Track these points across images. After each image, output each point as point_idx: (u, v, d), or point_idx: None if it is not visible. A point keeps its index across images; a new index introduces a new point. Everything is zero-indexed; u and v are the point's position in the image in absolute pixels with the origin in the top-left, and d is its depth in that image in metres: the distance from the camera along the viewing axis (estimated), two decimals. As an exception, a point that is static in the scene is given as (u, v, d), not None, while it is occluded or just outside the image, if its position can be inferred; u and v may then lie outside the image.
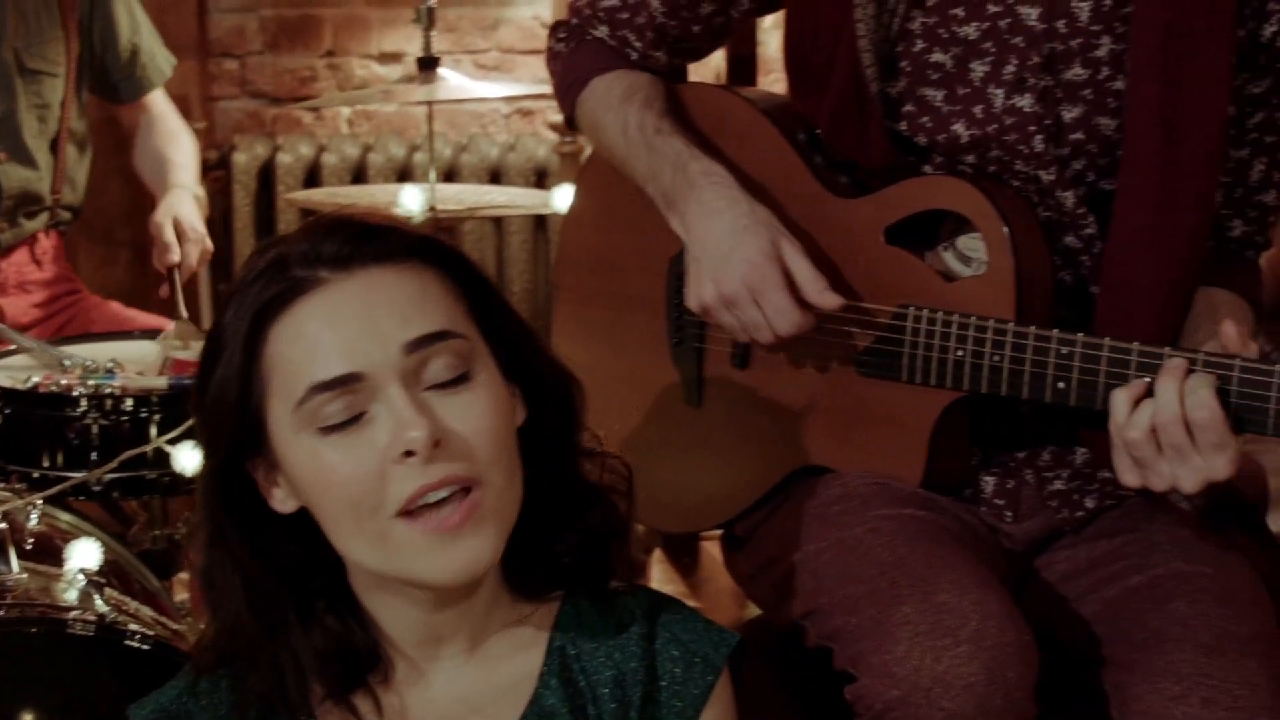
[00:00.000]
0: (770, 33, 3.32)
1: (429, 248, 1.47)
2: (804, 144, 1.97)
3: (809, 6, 1.90)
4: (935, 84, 1.86)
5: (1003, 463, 1.92)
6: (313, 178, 3.66)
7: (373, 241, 1.45)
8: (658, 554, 2.50)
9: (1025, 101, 1.83)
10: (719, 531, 2.11)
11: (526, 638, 1.52)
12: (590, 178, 2.18)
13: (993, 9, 1.83)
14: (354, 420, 1.41)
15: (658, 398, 2.08)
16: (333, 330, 1.41)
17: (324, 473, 1.41)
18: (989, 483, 1.91)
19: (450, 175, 3.60)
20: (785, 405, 1.96)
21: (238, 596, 1.46)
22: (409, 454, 1.39)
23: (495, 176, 3.69)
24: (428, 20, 2.65)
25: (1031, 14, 1.81)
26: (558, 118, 3.67)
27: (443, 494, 1.40)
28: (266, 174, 3.62)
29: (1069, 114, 1.84)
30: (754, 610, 2.17)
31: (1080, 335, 1.74)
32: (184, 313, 2.57)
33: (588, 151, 3.58)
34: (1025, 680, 1.63)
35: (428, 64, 2.66)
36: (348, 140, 3.67)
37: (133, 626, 1.81)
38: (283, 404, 1.42)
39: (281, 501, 1.47)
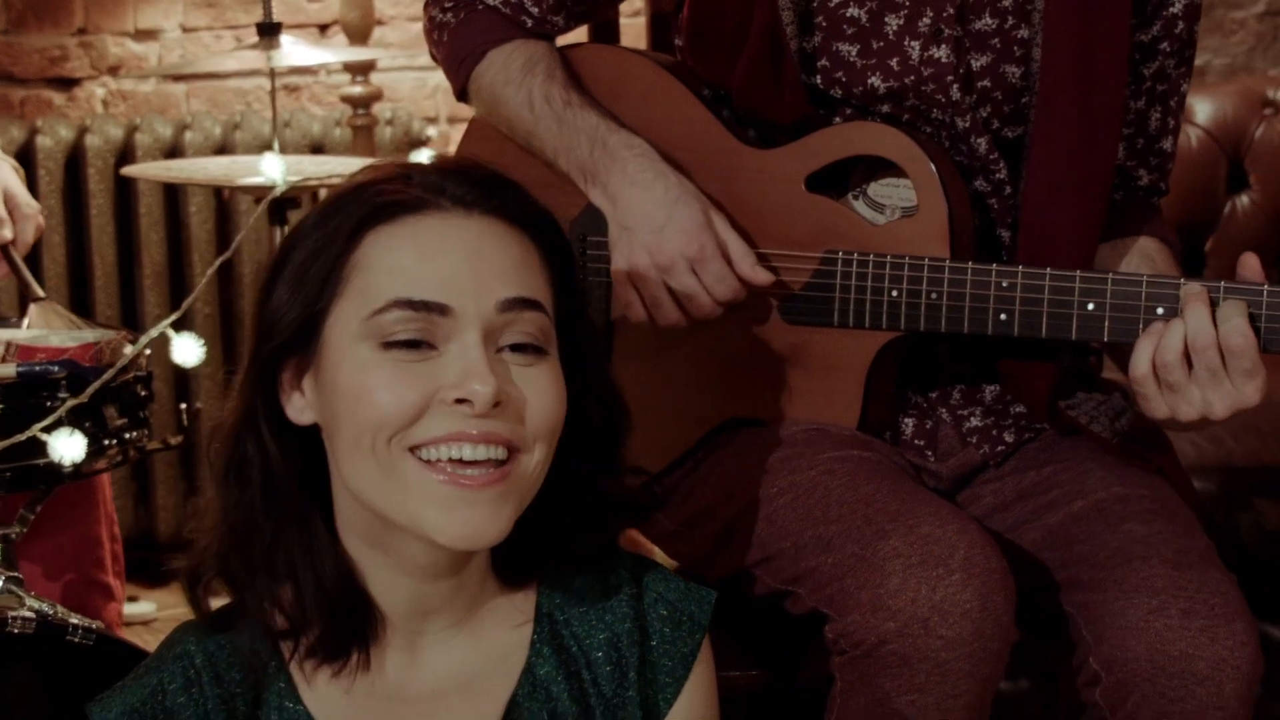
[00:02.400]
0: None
1: (544, 224, 1.46)
2: (710, 99, 1.98)
3: None
4: (850, 39, 1.90)
5: (918, 404, 1.97)
6: (75, 161, 3.50)
7: (499, 195, 1.43)
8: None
9: (942, 52, 1.88)
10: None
11: (513, 607, 1.51)
12: (470, 148, 2.14)
13: None
14: (420, 345, 1.38)
15: (565, 363, 2.06)
16: (438, 255, 1.39)
17: (368, 387, 1.37)
18: (908, 424, 1.97)
19: (222, 151, 3.49)
20: (706, 360, 1.97)
21: (254, 493, 1.42)
22: (464, 402, 1.36)
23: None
24: (269, -17, 2.57)
25: None
26: (334, 92, 3.61)
27: (480, 454, 1.37)
28: (25, 159, 3.44)
29: (977, 63, 1.90)
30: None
31: (1020, 267, 1.80)
32: (40, 291, 2.42)
33: (382, 126, 3.54)
34: (1010, 605, 1.69)
35: (268, 30, 2.57)
36: (109, 121, 3.52)
37: (74, 621, 1.72)
38: (355, 308, 1.39)
39: (298, 411, 1.43)
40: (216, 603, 1.48)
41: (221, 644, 1.46)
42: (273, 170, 2.36)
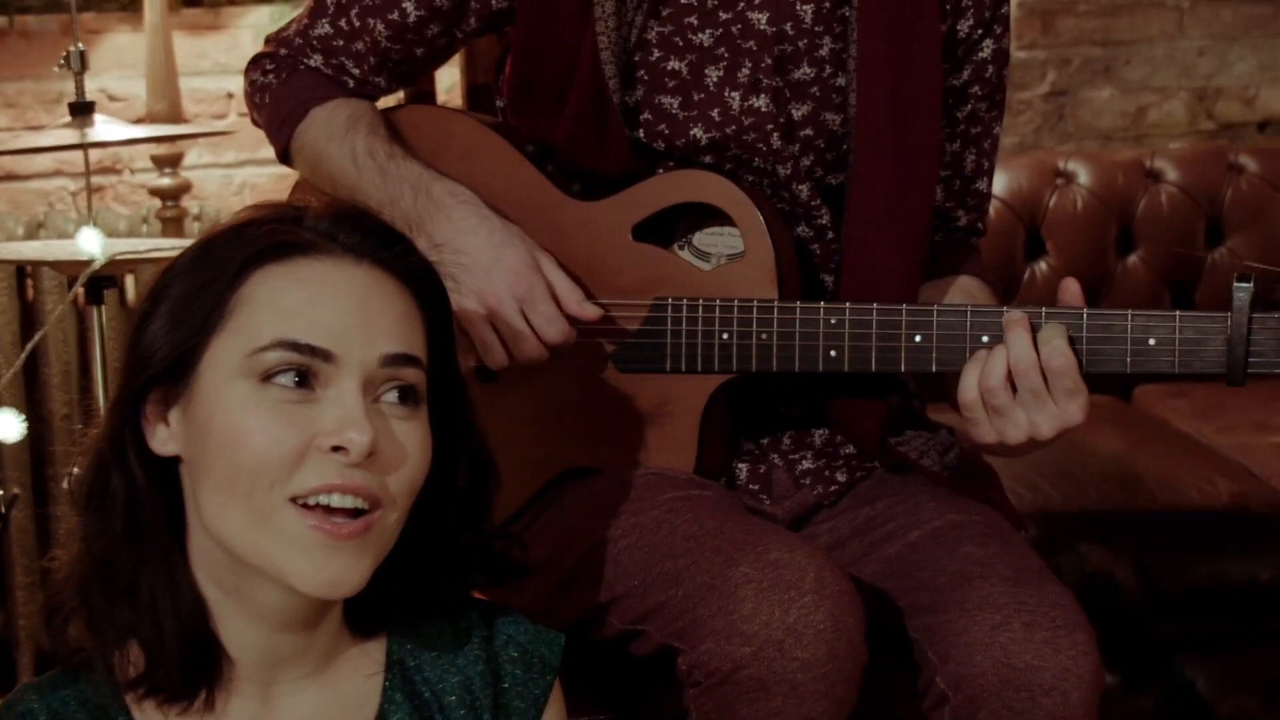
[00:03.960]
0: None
1: (427, 280, 1.47)
2: (534, 154, 2.01)
3: (544, 24, 1.94)
4: (671, 91, 1.94)
5: (750, 450, 2.00)
6: (-128, 262, 3.41)
7: (388, 247, 1.44)
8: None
9: (761, 102, 1.93)
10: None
11: (365, 655, 1.50)
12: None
13: (724, 16, 1.92)
14: (300, 385, 1.37)
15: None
16: (327, 301, 1.39)
17: (245, 429, 1.36)
18: (742, 469, 1.99)
19: (26, 252, 3.42)
20: (540, 413, 1.97)
21: (117, 522, 1.40)
22: (339, 450, 1.36)
23: (76, 252, 3.50)
24: (80, 64, 2.55)
25: (761, 19, 1.92)
26: (139, 191, 3.57)
27: (346, 503, 1.37)
28: None
29: (798, 111, 1.95)
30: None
31: (847, 304, 1.85)
32: None
33: (190, 220, 3.51)
34: (861, 626, 1.71)
35: (82, 109, 2.55)
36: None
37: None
38: (236, 344, 1.38)
39: (161, 442, 1.41)
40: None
41: (66, 700, 1.42)
42: (90, 245, 2.32)
